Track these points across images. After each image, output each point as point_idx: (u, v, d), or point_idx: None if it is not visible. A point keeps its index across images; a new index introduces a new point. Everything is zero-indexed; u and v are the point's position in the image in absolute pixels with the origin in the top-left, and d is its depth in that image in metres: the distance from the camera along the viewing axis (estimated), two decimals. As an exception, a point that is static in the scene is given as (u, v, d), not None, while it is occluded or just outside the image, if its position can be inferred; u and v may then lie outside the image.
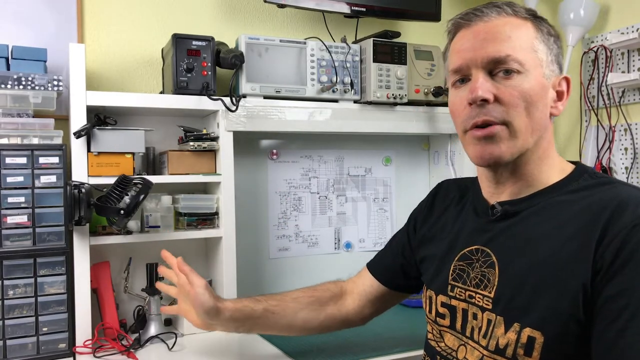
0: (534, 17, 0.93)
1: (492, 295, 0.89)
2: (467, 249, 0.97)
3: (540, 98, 0.89)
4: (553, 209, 0.89)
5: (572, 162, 0.97)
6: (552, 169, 0.93)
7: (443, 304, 1.00)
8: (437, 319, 1.01)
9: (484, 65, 0.89)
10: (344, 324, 1.26)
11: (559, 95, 0.93)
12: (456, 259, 0.99)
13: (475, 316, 0.92)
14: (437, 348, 1.00)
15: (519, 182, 0.93)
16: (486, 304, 0.90)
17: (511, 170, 0.93)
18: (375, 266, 1.25)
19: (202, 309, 1.16)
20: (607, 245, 0.78)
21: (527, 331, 0.82)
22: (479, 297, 0.92)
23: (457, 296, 0.96)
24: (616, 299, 0.75)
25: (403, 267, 1.19)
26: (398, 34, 1.83)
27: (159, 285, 1.32)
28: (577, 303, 0.79)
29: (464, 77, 0.93)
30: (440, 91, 1.82)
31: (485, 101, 0.87)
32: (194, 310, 1.18)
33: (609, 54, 1.85)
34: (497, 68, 0.88)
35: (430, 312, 1.03)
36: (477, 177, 1.04)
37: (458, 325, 0.96)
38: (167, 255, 1.25)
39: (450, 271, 0.99)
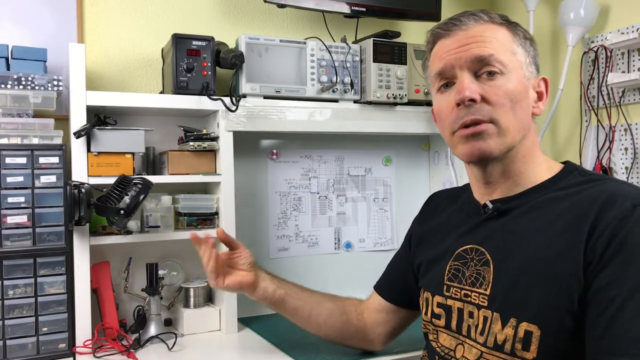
0: (508, 22, 0.96)
1: (487, 292, 0.90)
2: (462, 248, 0.99)
3: (523, 98, 0.92)
4: (544, 206, 0.90)
5: (562, 162, 0.98)
6: (540, 168, 0.95)
7: (439, 305, 1.01)
8: (433, 319, 1.02)
9: (468, 65, 0.92)
10: (360, 336, 1.25)
11: (539, 96, 0.97)
12: (451, 259, 1.00)
13: (471, 314, 0.93)
14: (437, 349, 1.01)
15: (508, 180, 0.95)
16: (482, 302, 0.91)
17: (500, 169, 0.95)
18: (381, 286, 1.26)
19: (240, 285, 1.23)
20: (597, 238, 0.80)
21: (524, 325, 0.83)
22: (474, 295, 0.92)
23: (453, 296, 0.97)
24: (606, 289, 0.77)
25: (406, 282, 1.19)
26: (398, 34, 1.83)
27: (204, 251, 1.19)
28: (572, 297, 0.80)
29: (448, 81, 0.95)
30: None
31: (473, 101, 0.90)
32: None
33: (609, 53, 1.85)
34: (481, 69, 0.91)
35: (426, 313, 1.04)
36: (468, 184, 1.06)
37: (453, 324, 0.97)
38: (198, 237, 1.20)
39: (446, 272, 1.00)
